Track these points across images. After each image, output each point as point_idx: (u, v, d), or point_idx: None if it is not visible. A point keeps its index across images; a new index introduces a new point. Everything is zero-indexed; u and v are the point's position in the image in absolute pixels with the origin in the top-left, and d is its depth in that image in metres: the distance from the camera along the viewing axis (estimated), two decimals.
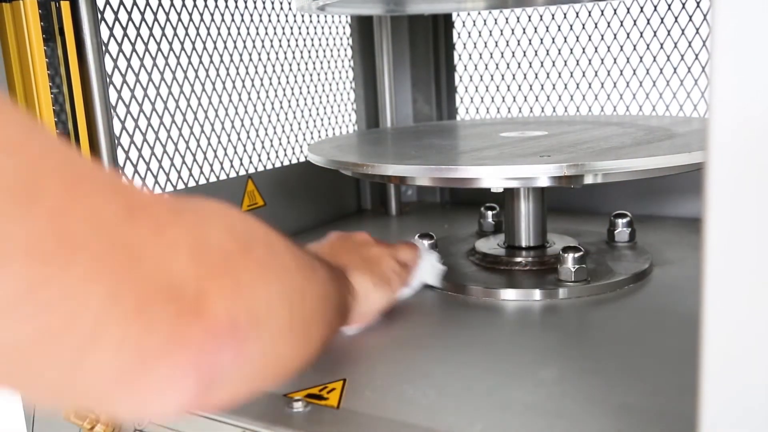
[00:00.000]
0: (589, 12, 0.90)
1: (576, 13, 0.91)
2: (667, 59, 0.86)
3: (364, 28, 1.00)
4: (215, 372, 0.27)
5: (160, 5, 0.72)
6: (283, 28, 0.88)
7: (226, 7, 0.80)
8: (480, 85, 1.00)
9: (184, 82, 0.75)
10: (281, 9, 0.88)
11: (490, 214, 0.81)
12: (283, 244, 0.36)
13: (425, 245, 0.68)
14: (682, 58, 0.85)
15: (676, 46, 0.85)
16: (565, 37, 0.92)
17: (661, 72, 0.87)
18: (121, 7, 0.67)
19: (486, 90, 1.00)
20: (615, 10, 0.88)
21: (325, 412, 0.43)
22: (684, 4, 0.84)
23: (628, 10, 0.87)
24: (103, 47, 0.64)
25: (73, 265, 0.22)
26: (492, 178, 0.55)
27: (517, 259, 0.66)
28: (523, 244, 0.68)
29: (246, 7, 0.83)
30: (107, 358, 0.23)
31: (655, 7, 0.85)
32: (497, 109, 1.00)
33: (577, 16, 0.91)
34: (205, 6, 0.77)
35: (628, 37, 0.88)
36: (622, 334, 0.53)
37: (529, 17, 0.94)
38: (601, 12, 0.89)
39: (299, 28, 0.91)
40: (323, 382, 0.46)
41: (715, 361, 0.25)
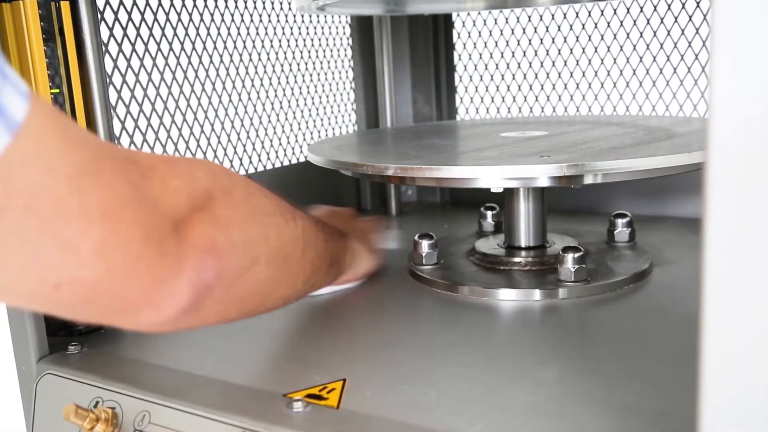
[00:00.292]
0: (589, 12, 0.90)
1: (576, 13, 0.91)
2: (667, 59, 0.86)
3: (364, 28, 1.00)
4: (204, 281, 0.36)
5: (160, 5, 0.72)
6: (283, 28, 0.88)
7: (226, 7, 0.80)
8: (480, 85, 1.00)
9: (184, 83, 0.75)
10: (281, 9, 0.88)
11: (490, 214, 0.81)
12: (262, 192, 0.44)
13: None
14: (682, 58, 0.85)
15: (676, 46, 0.85)
16: (565, 37, 0.92)
17: (661, 72, 0.87)
18: (121, 7, 0.68)
19: (486, 90, 1.00)
20: (615, 10, 0.88)
21: (324, 412, 0.43)
22: (684, 4, 0.84)
23: (628, 10, 0.87)
24: (102, 47, 0.64)
25: (124, 220, 0.32)
26: (492, 178, 0.55)
27: (517, 259, 0.66)
28: (522, 244, 0.68)
29: (246, 7, 0.83)
30: (141, 273, 0.33)
31: (655, 7, 0.85)
32: (497, 109, 1.00)
33: (577, 16, 0.91)
34: (205, 6, 0.77)
35: (628, 37, 0.88)
36: (622, 334, 0.53)
37: (529, 17, 0.94)
38: (601, 12, 0.89)
39: (299, 28, 0.91)
40: (323, 382, 0.46)
41: (715, 361, 0.25)
